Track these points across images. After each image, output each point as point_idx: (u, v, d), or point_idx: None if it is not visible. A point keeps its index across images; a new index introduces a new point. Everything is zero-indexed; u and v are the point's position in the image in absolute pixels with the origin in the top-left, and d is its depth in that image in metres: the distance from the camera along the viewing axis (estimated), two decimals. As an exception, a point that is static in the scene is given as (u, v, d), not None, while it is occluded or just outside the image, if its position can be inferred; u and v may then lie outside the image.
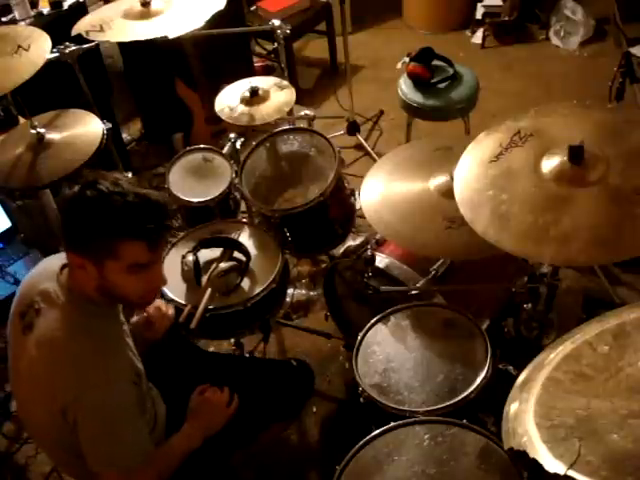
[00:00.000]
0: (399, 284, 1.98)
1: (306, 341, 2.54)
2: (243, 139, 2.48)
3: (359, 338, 1.85)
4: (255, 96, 2.41)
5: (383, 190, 1.92)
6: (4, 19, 2.87)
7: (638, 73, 2.45)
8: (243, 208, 2.51)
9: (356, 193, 2.20)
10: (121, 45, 3.39)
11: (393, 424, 1.53)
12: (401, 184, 1.93)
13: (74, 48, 2.33)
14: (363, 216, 1.96)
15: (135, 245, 1.31)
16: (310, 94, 3.95)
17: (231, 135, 2.48)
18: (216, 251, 2.05)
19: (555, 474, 0.91)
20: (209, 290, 1.92)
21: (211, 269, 1.97)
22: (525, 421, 1.03)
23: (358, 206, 2.18)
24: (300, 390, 1.89)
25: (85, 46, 2.34)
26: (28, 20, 2.87)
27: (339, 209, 2.22)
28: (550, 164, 1.48)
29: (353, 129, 3.50)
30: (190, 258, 1.97)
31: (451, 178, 1.69)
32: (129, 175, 2.73)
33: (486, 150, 1.59)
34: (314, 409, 2.27)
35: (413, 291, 1.96)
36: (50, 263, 1.50)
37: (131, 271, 1.34)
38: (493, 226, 1.43)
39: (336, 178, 2.11)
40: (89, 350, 1.34)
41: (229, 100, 2.44)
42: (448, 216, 1.73)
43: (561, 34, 4.09)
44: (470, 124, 2.83)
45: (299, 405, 1.92)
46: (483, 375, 1.67)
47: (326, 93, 3.94)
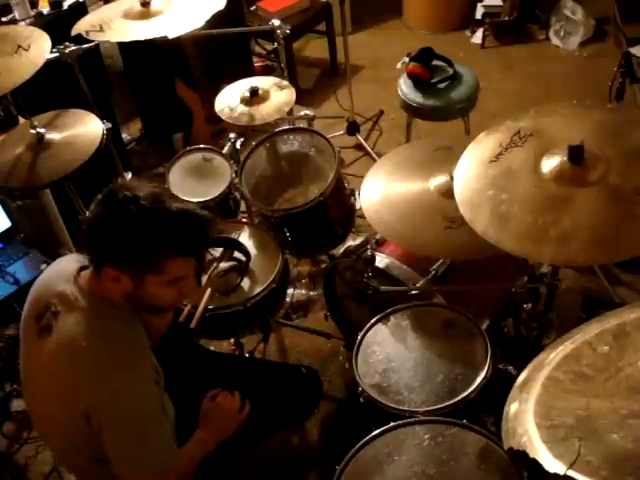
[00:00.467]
0: (399, 284, 1.98)
1: (306, 341, 2.54)
2: (243, 139, 2.48)
3: (359, 338, 1.85)
4: (255, 96, 2.41)
5: (383, 190, 1.92)
6: (4, 19, 2.87)
7: (638, 73, 2.45)
8: (243, 208, 2.51)
9: (356, 193, 2.20)
10: (121, 45, 3.39)
11: (393, 424, 1.53)
12: (401, 184, 1.93)
13: (74, 48, 2.33)
14: (363, 216, 1.96)
15: (182, 260, 1.33)
16: (310, 94, 3.95)
17: (231, 135, 2.48)
18: (216, 251, 2.06)
19: (555, 474, 0.91)
20: (209, 290, 1.92)
21: (211, 269, 1.97)
22: (525, 421, 1.03)
23: (358, 206, 2.18)
24: (309, 398, 1.88)
25: (85, 46, 2.34)
26: (28, 20, 2.87)
27: (339, 209, 2.22)
28: (550, 164, 1.48)
29: (353, 129, 3.50)
30: (190, 258, 1.97)
31: (451, 178, 1.69)
32: (129, 175, 2.73)
33: (486, 150, 1.59)
34: (315, 410, 2.26)
35: (413, 291, 1.96)
36: (64, 265, 1.49)
37: (170, 283, 1.35)
38: (493, 226, 1.43)
39: (336, 178, 2.11)
40: (113, 353, 1.34)
41: (229, 100, 2.44)
42: (448, 216, 1.73)
43: (561, 34, 4.09)
44: (470, 124, 2.83)
45: (307, 413, 1.92)
46: (483, 375, 1.67)
47: (326, 93, 3.94)
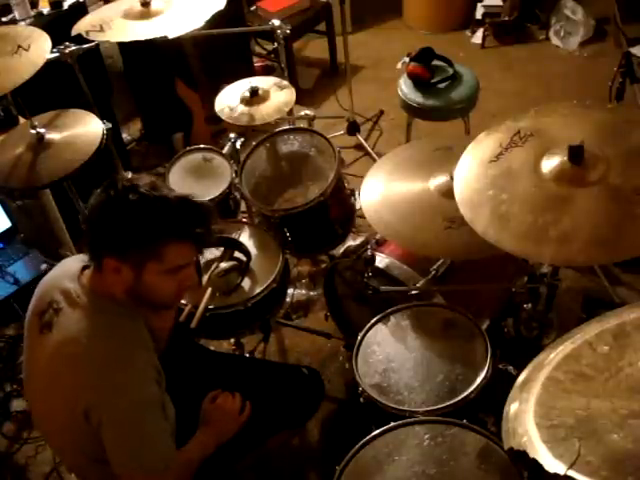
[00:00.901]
0: (399, 284, 1.98)
1: (306, 341, 2.54)
2: (243, 139, 2.48)
3: (359, 338, 1.85)
4: (255, 96, 2.41)
5: (383, 190, 1.92)
6: (4, 19, 2.87)
7: (638, 73, 2.45)
8: (243, 208, 2.51)
9: (356, 193, 2.20)
10: (121, 45, 3.39)
11: (393, 424, 1.53)
12: (401, 184, 1.93)
13: (74, 48, 2.33)
14: (363, 216, 1.96)
15: (181, 247, 1.33)
16: (310, 94, 3.95)
17: (231, 135, 2.48)
18: (216, 251, 2.06)
19: (555, 474, 0.90)
20: (209, 290, 1.92)
21: (212, 269, 1.97)
22: (525, 421, 1.03)
23: (358, 206, 2.18)
24: (310, 399, 1.88)
25: (85, 46, 2.34)
26: (28, 20, 2.87)
27: (339, 209, 2.22)
28: (550, 164, 1.48)
29: (353, 129, 3.50)
30: (190, 258, 1.97)
31: (451, 178, 1.69)
32: (129, 175, 2.73)
33: (486, 150, 1.59)
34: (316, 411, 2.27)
35: (413, 291, 1.96)
36: (69, 264, 1.49)
37: (170, 272, 1.34)
38: (493, 226, 1.43)
39: (336, 178, 2.11)
40: (113, 350, 1.34)
41: (229, 100, 2.44)
42: (448, 216, 1.73)
43: (561, 34, 4.09)
44: (470, 124, 2.83)
45: (308, 414, 1.91)
46: (483, 375, 1.67)
47: (326, 93, 3.94)
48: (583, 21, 3.99)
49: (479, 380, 1.66)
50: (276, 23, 2.65)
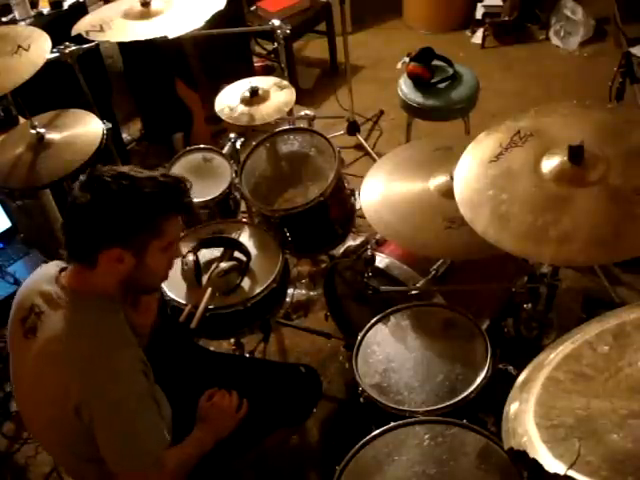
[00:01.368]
0: (399, 284, 1.98)
1: (306, 341, 2.54)
2: (243, 139, 2.48)
3: (359, 338, 1.85)
4: (255, 96, 2.41)
5: (383, 190, 1.92)
6: (4, 19, 2.88)
7: (638, 73, 2.45)
8: (243, 208, 2.51)
9: (356, 193, 2.20)
10: (121, 45, 3.39)
11: (393, 424, 1.53)
12: (401, 184, 1.93)
13: (74, 48, 2.33)
14: (363, 216, 1.96)
15: (176, 220, 1.40)
16: (310, 94, 3.95)
17: (231, 135, 2.48)
18: (216, 251, 2.06)
19: (555, 474, 0.90)
20: (209, 290, 1.92)
21: (211, 269, 1.97)
22: (525, 421, 1.03)
23: (358, 206, 2.18)
24: (308, 397, 1.88)
25: (85, 46, 2.34)
26: (28, 20, 2.87)
27: (339, 209, 2.22)
28: (550, 164, 1.48)
29: (353, 129, 3.50)
30: (190, 258, 1.97)
31: (451, 178, 1.69)
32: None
33: (486, 150, 1.59)
34: (314, 409, 2.27)
35: (413, 291, 1.96)
36: (45, 269, 1.51)
37: (166, 249, 1.40)
38: (493, 226, 1.43)
39: (336, 178, 2.11)
40: (98, 345, 1.34)
41: (229, 100, 2.44)
42: (448, 216, 1.73)
43: (561, 34, 4.09)
44: (470, 124, 2.83)
45: (306, 412, 1.91)
46: (483, 375, 1.67)
47: (326, 93, 3.94)
48: (583, 21, 3.99)
49: (479, 380, 1.66)
50: (276, 23, 2.65)
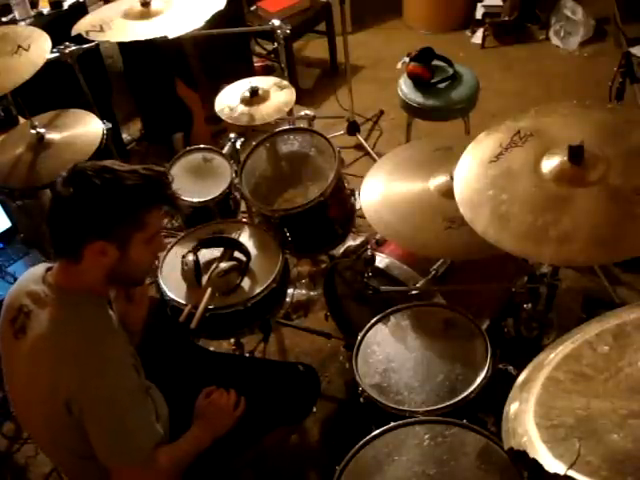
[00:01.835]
0: (399, 284, 1.98)
1: (306, 341, 2.54)
2: (243, 139, 2.48)
3: (359, 338, 1.85)
4: (255, 96, 2.41)
5: (383, 190, 1.92)
6: (4, 19, 2.88)
7: (638, 73, 2.45)
8: (243, 208, 2.51)
9: (356, 193, 2.20)
10: (121, 45, 3.39)
11: (393, 424, 1.53)
12: (401, 184, 1.93)
13: (74, 48, 2.33)
14: (363, 216, 1.96)
15: (158, 211, 1.39)
16: (310, 94, 3.95)
17: (231, 135, 2.48)
18: (216, 251, 2.06)
19: (555, 474, 0.90)
20: (209, 290, 1.92)
21: (211, 269, 1.96)
22: (525, 421, 1.03)
23: (358, 206, 2.18)
24: (306, 396, 1.88)
25: (85, 46, 2.35)
26: (28, 20, 2.88)
27: (339, 209, 2.22)
28: (550, 164, 1.48)
29: (353, 129, 3.50)
30: (190, 258, 1.97)
31: (451, 178, 1.69)
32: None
33: (486, 150, 1.60)
34: (314, 409, 2.26)
35: (413, 291, 1.96)
36: (32, 271, 1.51)
37: (149, 242, 1.39)
38: (493, 226, 1.43)
39: (336, 178, 2.11)
40: (85, 339, 1.34)
41: (229, 100, 2.44)
42: (448, 216, 1.73)
43: (561, 34, 4.09)
44: (470, 124, 2.83)
45: (304, 411, 1.91)
46: (483, 375, 1.67)
47: (326, 93, 3.94)
48: (583, 21, 3.99)
49: (479, 380, 1.66)
50: (276, 23, 2.65)
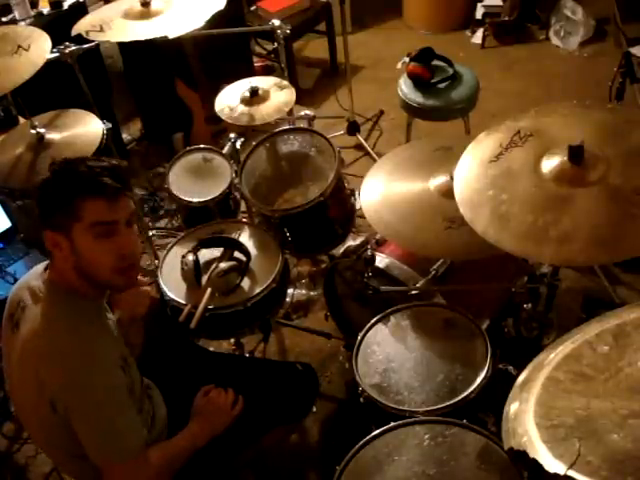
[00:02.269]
0: (399, 284, 1.98)
1: (306, 341, 2.54)
2: (243, 139, 2.48)
3: (359, 338, 1.85)
4: (255, 96, 2.41)
5: (383, 190, 1.92)
6: (4, 19, 2.88)
7: (638, 73, 2.45)
8: (243, 208, 2.51)
9: (356, 193, 2.20)
10: (121, 45, 3.39)
11: (393, 424, 1.53)
12: (401, 184, 1.93)
13: (74, 48, 2.33)
14: (363, 216, 1.96)
15: (94, 202, 1.34)
16: (310, 94, 3.96)
17: (231, 135, 2.48)
18: (216, 251, 2.06)
19: (555, 474, 0.90)
20: (209, 290, 1.92)
21: (211, 269, 1.96)
22: (525, 421, 1.03)
23: (358, 206, 2.18)
24: (305, 395, 1.88)
25: (85, 46, 2.34)
26: (28, 20, 2.88)
27: (339, 209, 2.22)
28: (550, 164, 1.48)
29: (353, 129, 3.50)
30: (190, 258, 1.97)
31: (451, 178, 1.69)
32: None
33: (486, 150, 1.59)
34: (314, 409, 2.26)
35: (413, 291, 1.96)
36: (37, 267, 1.52)
37: (97, 234, 1.35)
38: (493, 226, 1.43)
39: (336, 178, 2.11)
40: (70, 338, 1.34)
41: (229, 100, 2.44)
42: (448, 216, 1.73)
43: (561, 34, 4.09)
44: (470, 124, 2.83)
45: (303, 410, 1.91)
46: (483, 375, 1.67)
47: (326, 93, 3.94)
48: (583, 21, 3.99)
49: (479, 380, 1.66)
50: (276, 23, 2.65)
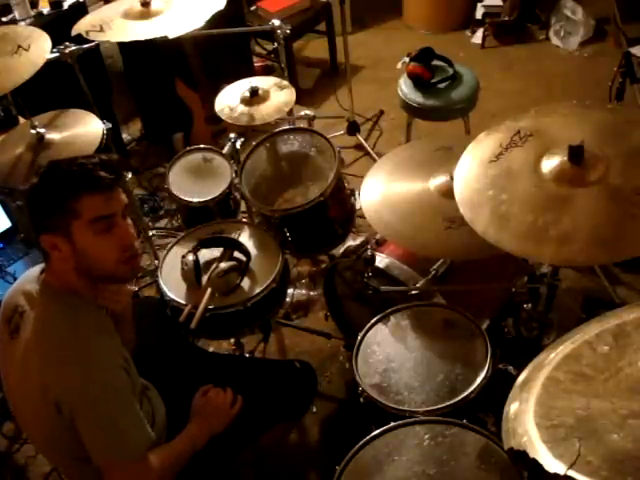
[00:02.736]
0: (399, 284, 1.98)
1: (306, 341, 2.54)
2: (243, 139, 2.48)
3: (359, 338, 1.85)
4: (255, 96, 2.41)
5: (383, 190, 1.92)
6: (4, 19, 2.88)
7: (638, 73, 2.45)
8: (243, 208, 2.51)
9: (356, 193, 2.20)
10: (121, 45, 3.39)
11: (393, 424, 1.53)
12: (401, 184, 1.93)
13: (74, 48, 2.33)
14: (363, 216, 1.96)
15: (91, 197, 1.34)
16: (310, 94, 3.95)
17: (231, 135, 2.48)
18: (216, 251, 2.06)
19: (555, 474, 0.90)
20: (209, 290, 1.92)
21: (211, 269, 1.96)
22: (525, 421, 1.03)
23: (358, 206, 2.18)
24: (303, 392, 1.88)
25: (85, 46, 2.34)
26: (28, 20, 2.88)
27: (339, 209, 2.22)
28: (550, 164, 1.48)
29: (353, 129, 3.50)
30: (190, 258, 1.97)
31: (451, 178, 1.69)
32: (129, 175, 2.73)
33: (486, 150, 1.59)
34: (314, 409, 2.27)
35: (413, 291, 1.96)
36: (31, 271, 1.52)
37: (97, 229, 1.35)
38: (493, 226, 1.43)
39: (336, 178, 2.11)
40: (71, 339, 1.34)
41: (229, 100, 2.44)
42: (448, 216, 1.73)
43: (561, 34, 4.09)
44: (470, 124, 2.83)
45: (302, 407, 1.91)
46: (483, 375, 1.67)
47: (326, 93, 3.94)
48: (583, 21, 3.99)
49: (479, 380, 1.66)
50: (276, 23, 2.65)
